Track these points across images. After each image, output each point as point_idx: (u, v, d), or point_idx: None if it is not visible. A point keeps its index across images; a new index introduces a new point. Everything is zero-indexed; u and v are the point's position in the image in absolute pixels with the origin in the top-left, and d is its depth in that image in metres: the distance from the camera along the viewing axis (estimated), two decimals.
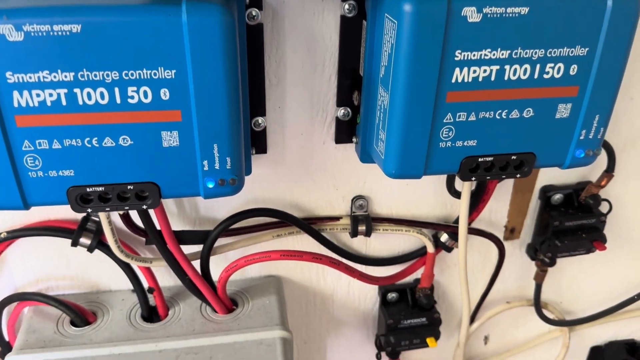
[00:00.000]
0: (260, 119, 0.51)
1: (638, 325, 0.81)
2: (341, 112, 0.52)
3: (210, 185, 0.43)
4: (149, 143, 0.41)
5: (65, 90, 0.38)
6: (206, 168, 0.42)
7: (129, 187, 0.42)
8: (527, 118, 0.45)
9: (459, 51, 0.41)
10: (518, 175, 0.48)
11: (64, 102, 0.38)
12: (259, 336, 0.54)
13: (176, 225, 0.56)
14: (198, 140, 0.41)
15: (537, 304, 0.69)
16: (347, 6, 0.47)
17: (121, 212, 0.51)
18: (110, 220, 0.49)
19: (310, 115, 0.53)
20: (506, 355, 0.76)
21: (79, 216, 0.54)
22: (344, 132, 0.54)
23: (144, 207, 0.43)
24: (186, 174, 0.43)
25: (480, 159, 0.46)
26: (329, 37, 0.49)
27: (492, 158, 0.47)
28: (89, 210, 0.42)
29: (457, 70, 0.42)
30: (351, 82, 0.51)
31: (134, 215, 0.53)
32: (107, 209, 0.43)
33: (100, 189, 0.42)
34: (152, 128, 0.40)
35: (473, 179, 0.47)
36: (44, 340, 0.53)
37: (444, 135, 0.45)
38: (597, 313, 0.74)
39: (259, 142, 0.52)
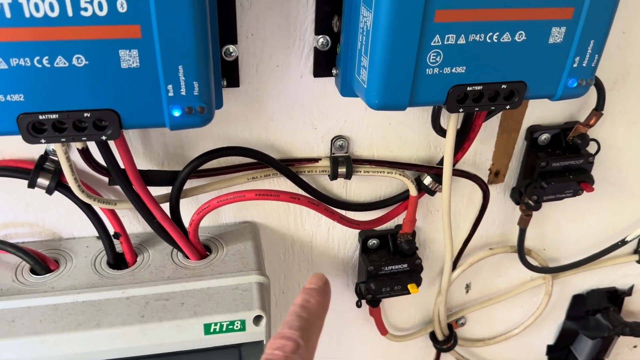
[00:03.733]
0: (231, 47, 0.47)
1: (620, 273, 0.80)
2: (320, 40, 0.48)
3: (177, 114, 0.39)
4: (106, 63, 0.37)
5: (9, 0, 0.33)
6: (171, 94, 0.38)
7: (85, 114, 0.38)
8: (519, 42, 0.42)
9: None
10: (508, 107, 0.45)
11: (7, 14, 0.34)
12: (235, 281, 0.51)
13: (143, 166, 0.52)
14: (161, 61, 0.37)
15: (521, 250, 0.68)
16: None
17: (80, 147, 0.46)
18: (68, 156, 0.45)
19: (286, 45, 0.49)
20: (488, 303, 0.75)
21: (36, 155, 0.50)
22: (323, 64, 0.50)
23: (103, 137, 0.39)
24: (149, 101, 0.39)
25: (468, 88, 0.43)
26: None
27: (481, 87, 0.43)
28: (43, 140, 0.38)
29: None
30: (330, 7, 0.47)
31: (96, 153, 0.49)
32: (62, 140, 0.39)
33: (54, 116, 0.38)
34: (109, 46, 0.36)
35: (460, 110, 0.44)
36: (2, 289, 0.50)
37: (431, 60, 0.41)
38: (580, 260, 0.73)
39: (230, 73, 0.48)
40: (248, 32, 0.47)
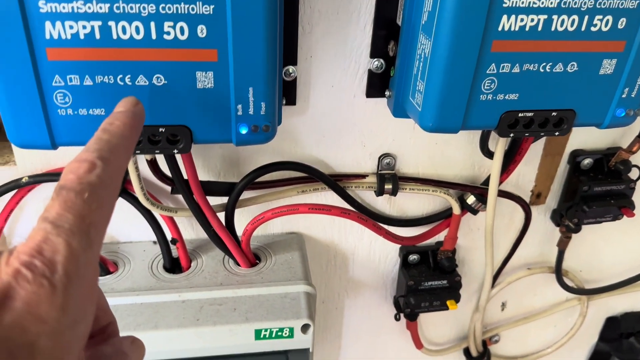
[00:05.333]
0: (291, 68, 0.49)
1: None
2: (374, 63, 0.51)
3: (244, 131, 0.42)
4: (183, 83, 0.40)
5: (100, 23, 0.36)
6: (240, 113, 0.41)
7: (160, 129, 0.41)
8: (570, 73, 0.44)
9: None
10: (557, 134, 0.47)
11: (97, 36, 0.37)
12: (283, 290, 0.53)
13: (201, 177, 0.54)
14: (233, 83, 0.40)
15: (559, 272, 0.69)
16: None
17: (149, 158, 0.49)
18: (137, 166, 0.48)
19: (342, 67, 0.51)
20: (523, 322, 0.75)
21: None
22: (376, 85, 0.52)
23: (175, 151, 0.42)
24: (219, 119, 0.41)
25: (520, 115, 0.45)
26: None
27: (532, 114, 0.45)
28: None
29: (505, 17, 0.40)
30: (387, 32, 0.49)
31: (161, 163, 0.52)
32: (137, 152, 0.41)
33: None
34: (187, 67, 0.39)
35: (511, 135, 0.46)
36: None
37: (485, 87, 0.43)
38: (616, 283, 0.73)
39: (288, 92, 0.51)
40: (307, 54, 0.50)
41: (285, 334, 0.50)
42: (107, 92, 0.39)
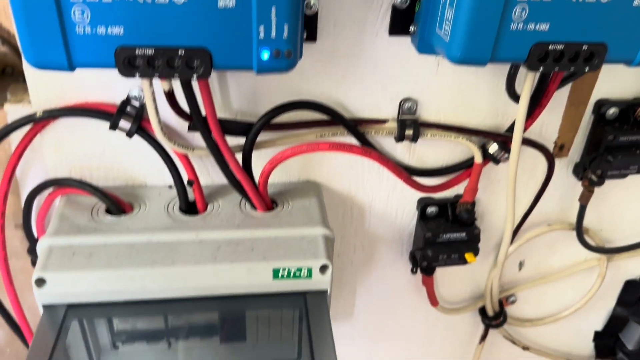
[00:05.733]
0: (312, 0, 0.48)
1: None
2: None
3: (265, 56, 0.40)
4: (204, 1, 0.38)
5: None
6: (262, 36, 0.40)
7: (179, 52, 0.40)
8: (603, 3, 0.42)
9: None
10: (587, 69, 0.45)
11: None
12: (301, 232, 0.52)
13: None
14: (255, 1, 0.38)
15: (579, 227, 0.67)
16: None
17: (166, 90, 0.48)
18: (154, 97, 0.46)
19: (365, 2, 0.50)
20: (540, 282, 0.74)
21: (117, 100, 0.52)
22: (399, 22, 0.51)
23: (195, 75, 0.41)
24: (240, 42, 0.40)
25: (550, 47, 0.43)
26: None
27: (562, 46, 0.44)
28: (137, 74, 0.40)
29: None
30: None
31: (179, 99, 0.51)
32: (156, 74, 0.40)
33: (150, 52, 0.39)
34: None
35: (541, 68, 0.45)
36: (79, 227, 0.52)
37: (516, 15, 0.42)
38: (637, 242, 0.72)
39: (309, 27, 0.49)
40: None
41: (304, 274, 0.49)
42: (126, 10, 0.38)
